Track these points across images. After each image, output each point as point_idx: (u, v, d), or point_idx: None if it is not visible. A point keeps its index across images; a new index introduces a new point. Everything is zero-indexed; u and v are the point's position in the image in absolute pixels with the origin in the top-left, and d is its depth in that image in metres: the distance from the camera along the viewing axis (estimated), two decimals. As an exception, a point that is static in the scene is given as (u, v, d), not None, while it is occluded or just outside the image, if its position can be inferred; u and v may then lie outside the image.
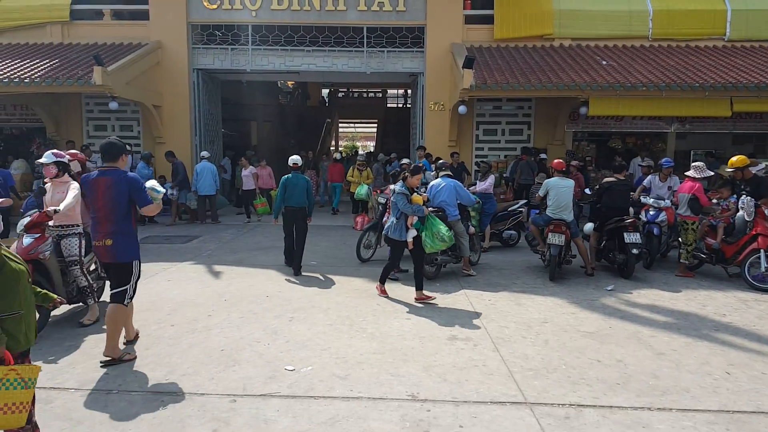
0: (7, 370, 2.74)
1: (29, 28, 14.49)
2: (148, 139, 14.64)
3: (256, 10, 14.35)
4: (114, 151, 4.78)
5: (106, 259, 4.73)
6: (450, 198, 7.90)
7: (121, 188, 4.63)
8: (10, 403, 2.73)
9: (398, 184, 6.85)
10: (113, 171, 4.71)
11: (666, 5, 14.00)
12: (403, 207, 6.61)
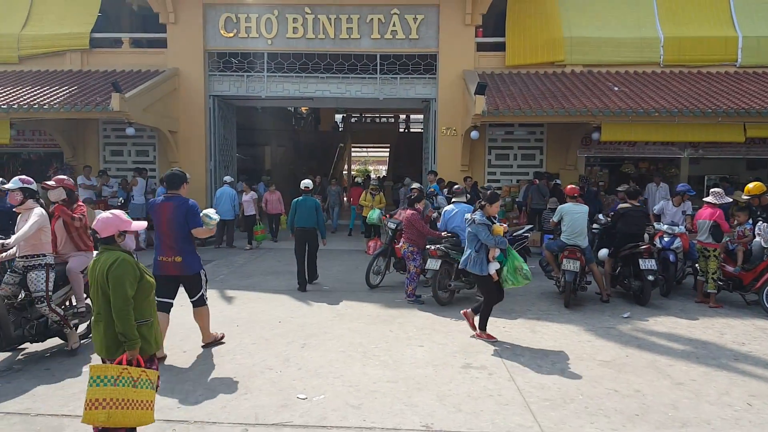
0: (140, 371, 3.18)
1: (50, 56, 14.84)
2: (163, 164, 14.83)
3: (272, 38, 14.63)
4: (176, 181, 5.63)
5: (174, 272, 5.55)
6: (463, 223, 7.90)
7: (182, 212, 5.44)
8: (144, 400, 3.16)
9: (477, 213, 6.19)
10: (176, 197, 5.57)
11: (677, 32, 14.06)
12: (485, 239, 6.02)
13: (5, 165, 15.81)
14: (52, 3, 15.05)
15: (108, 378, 3.09)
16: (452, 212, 8.09)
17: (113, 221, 3.46)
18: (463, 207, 8.07)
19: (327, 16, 14.51)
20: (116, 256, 3.38)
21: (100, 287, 3.35)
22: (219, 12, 14.65)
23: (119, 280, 3.29)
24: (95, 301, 3.42)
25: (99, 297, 3.36)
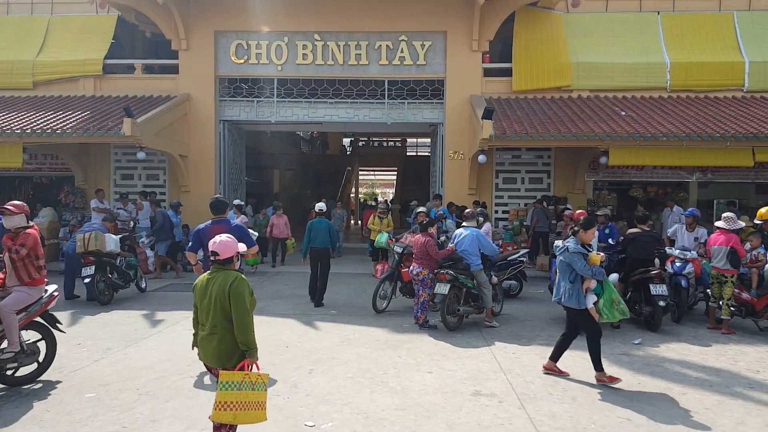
0: (257, 375, 3.60)
1: (64, 82, 15.13)
2: (173, 187, 14.96)
3: (282, 64, 14.86)
4: (222, 207, 6.43)
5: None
6: (472, 247, 7.91)
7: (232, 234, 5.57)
8: (260, 401, 3.57)
9: (570, 240, 5.71)
10: (224, 220, 6.35)
11: (683, 58, 14.15)
12: (581, 269, 5.54)
13: (17, 188, 15.99)
14: (67, 30, 15.40)
15: (233, 383, 3.51)
16: (461, 236, 8.09)
17: (232, 244, 3.84)
18: (473, 231, 8.07)
19: (336, 42, 14.75)
20: (234, 276, 3.75)
21: (218, 303, 3.69)
22: (230, 39, 14.92)
23: (241, 296, 3.66)
24: (209, 316, 3.72)
25: (216, 312, 3.70)
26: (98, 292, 9.22)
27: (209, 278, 3.78)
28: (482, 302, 7.99)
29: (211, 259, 3.80)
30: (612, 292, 5.78)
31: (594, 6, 14.97)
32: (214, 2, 14.69)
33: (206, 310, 3.76)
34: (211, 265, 3.82)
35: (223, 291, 3.67)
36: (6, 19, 15.73)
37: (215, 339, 3.72)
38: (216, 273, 3.78)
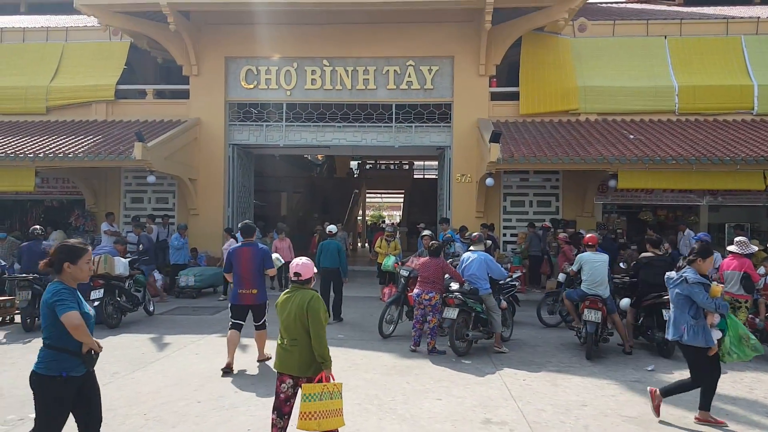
0: (333, 385, 3.87)
1: (76, 107, 15.37)
2: (182, 210, 15.04)
3: (291, 89, 15.04)
4: (251, 231, 7.25)
5: (249, 302, 6.92)
6: (480, 271, 7.86)
7: (257, 255, 6.90)
8: (338, 408, 3.85)
9: (688, 270, 5.21)
10: (252, 244, 7.10)
11: (691, 81, 14.18)
12: (703, 302, 5.00)
13: (28, 212, 16.15)
14: (81, 56, 15.69)
15: (315, 394, 3.80)
16: (469, 260, 8.04)
17: (311, 266, 4.23)
18: (481, 255, 8.01)
19: (344, 68, 14.93)
20: (312, 294, 4.10)
21: (298, 318, 4.02)
22: (240, 65, 15.15)
23: (317, 313, 3.98)
24: (290, 330, 4.06)
25: (297, 326, 4.02)
26: (106, 316, 9.21)
27: (289, 296, 4.15)
28: (491, 327, 7.90)
29: (293, 279, 4.17)
30: (739, 327, 5.21)
31: (601, 30, 15.09)
32: (224, 29, 14.96)
33: (286, 325, 4.10)
34: (291, 284, 4.20)
35: (302, 308, 4.00)
36: (22, 46, 16.07)
37: (296, 351, 4.05)
38: (295, 291, 4.14)
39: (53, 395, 3.32)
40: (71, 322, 3.25)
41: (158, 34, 14.62)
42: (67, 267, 3.41)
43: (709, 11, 16.45)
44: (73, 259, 3.44)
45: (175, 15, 13.60)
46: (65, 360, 3.34)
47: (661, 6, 18.49)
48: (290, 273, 4.18)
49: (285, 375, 4.09)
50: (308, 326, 3.96)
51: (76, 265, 3.42)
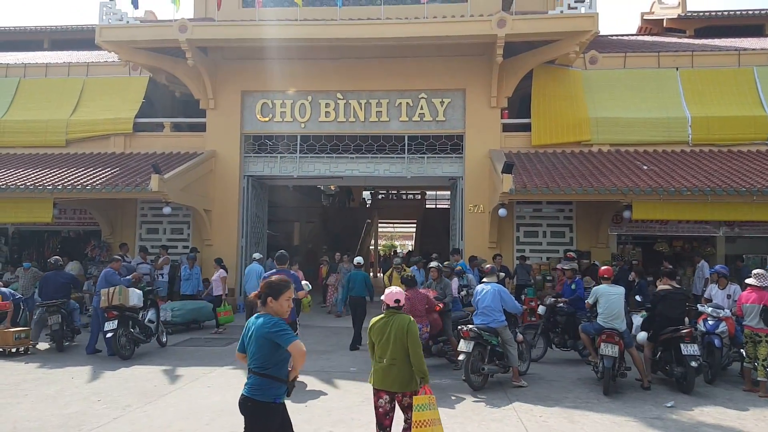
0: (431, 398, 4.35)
1: (95, 139, 15.70)
2: (197, 241, 15.16)
3: (305, 121, 15.28)
4: (284, 259, 8.10)
5: None
6: (494, 303, 7.79)
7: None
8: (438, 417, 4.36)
9: None
10: (285, 271, 7.84)
11: (704, 112, 14.17)
12: None
13: (45, 242, 16.37)
14: (101, 91, 16.13)
15: (424, 405, 4.32)
16: (483, 291, 7.98)
17: (398, 294, 4.71)
18: (495, 287, 7.95)
19: (358, 100, 15.15)
20: (407, 318, 4.57)
21: (398, 340, 4.46)
22: (256, 98, 15.45)
23: (415, 335, 4.46)
24: (389, 350, 4.48)
25: (396, 347, 4.46)
26: (120, 347, 9.23)
27: (386, 320, 4.61)
28: (508, 361, 7.78)
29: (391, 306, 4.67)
30: None
31: (612, 63, 15.22)
32: (241, 64, 15.31)
33: (385, 346, 4.51)
34: (387, 310, 4.67)
35: (402, 330, 4.46)
36: (44, 81, 16.57)
37: (395, 369, 4.46)
38: (391, 316, 4.60)
39: (267, 421, 3.65)
40: (300, 350, 3.55)
41: (177, 69, 15.00)
42: (270, 302, 3.74)
43: (720, 43, 16.55)
44: (276, 296, 3.74)
45: (193, 51, 13.97)
46: (276, 387, 3.65)
47: (672, 38, 18.65)
48: (385, 300, 4.68)
49: (382, 391, 4.52)
50: (407, 346, 4.42)
51: (277, 300, 3.74)
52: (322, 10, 14.74)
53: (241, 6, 15.27)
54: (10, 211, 13.25)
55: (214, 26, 14.10)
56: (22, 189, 12.70)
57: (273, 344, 3.56)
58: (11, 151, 15.62)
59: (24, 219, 13.56)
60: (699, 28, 19.16)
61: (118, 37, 13.97)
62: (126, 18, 14.11)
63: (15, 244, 16.29)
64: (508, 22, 13.01)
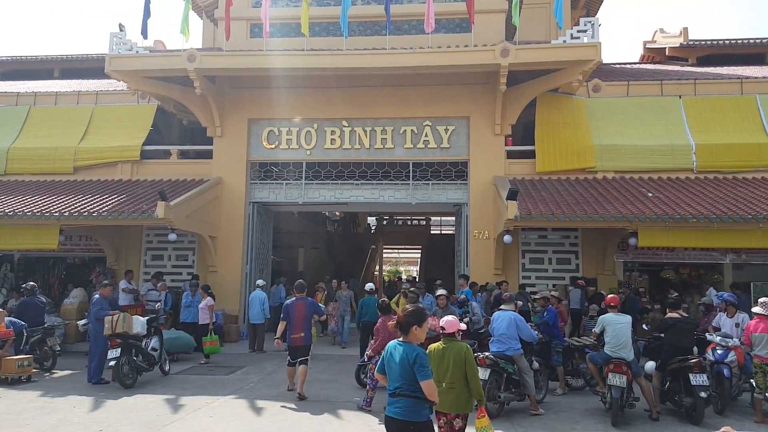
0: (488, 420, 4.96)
1: (103, 166, 15.85)
2: (202, 267, 15.15)
3: (311, 149, 15.40)
4: (303, 288, 8.96)
5: (299, 344, 8.54)
6: (510, 331, 7.81)
7: (309, 308, 8.81)
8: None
9: None
10: (303, 298, 8.88)
11: (708, 140, 14.21)
12: None
13: (51, 269, 16.39)
14: (109, 119, 16.36)
15: (484, 427, 4.88)
16: (498, 319, 8.03)
17: (455, 323, 4.98)
18: (511, 314, 7.98)
19: (363, 128, 15.29)
20: (464, 345, 4.86)
21: (456, 365, 4.75)
22: (263, 126, 15.62)
23: (472, 360, 4.77)
24: (448, 375, 4.76)
25: (455, 372, 4.75)
26: (122, 376, 9.16)
27: (444, 347, 4.88)
28: (524, 389, 7.72)
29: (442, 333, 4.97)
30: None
31: (615, 91, 15.35)
32: (248, 93, 15.53)
33: (444, 371, 4.78)
34: (443, 338, 4.95)
35: (460, 356, 4.75)
36: (54, 109, 16.83)
37: (453, 392, 4.72)
38: (449, 343, 4.89)
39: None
40: (432, 389, 3.98)
41: (184, 98, 15.21)
42: (414, 329, 4.14)
43: (722, 71, 16.70)
44: (420, 323, 4.14)
45: (201, 80, 14.18)
46: (426, 407, 4.07)
47: (675, 66, 18.82)
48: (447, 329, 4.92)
49: (440, 413, 4.80)
50: (465, 371, 4.70)
51: (420, 327, 4.14)
52: (328, 40, 14.97)
53: (248, 36, 15.53)
54: (17, 237, 13.33)
55: (222, 56, 14.34)
56: (29, 216, 12.79)
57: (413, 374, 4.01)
58: (20, 178, 15.79)
59: (30, 245, 13.63)
60: (701, 57, 19.34)
61: (128, 67, 14.22)
62: (135, 48, 14.39)
63: (21, 271, 16.33)
64: (511, 51, 13.19)
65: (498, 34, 14.60)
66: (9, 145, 16.05)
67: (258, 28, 15.19)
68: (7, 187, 15.19)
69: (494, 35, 14.49)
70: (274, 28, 15.02)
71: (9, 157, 15.90)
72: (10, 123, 16.57)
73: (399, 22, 14.97)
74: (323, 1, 15.40)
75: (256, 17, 15.11)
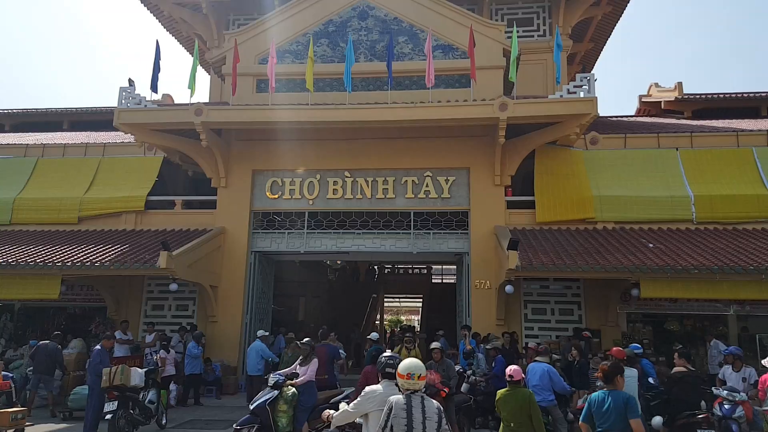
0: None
1: (107, 217, 15.99)
2: (201, 317, 15.07)
3: (314, 198, 15.57)
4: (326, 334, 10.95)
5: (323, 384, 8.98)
6: (543, 382, 7.92)
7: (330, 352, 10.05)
8: None
9: None
10: (327, 344, 10.42)
11: (707, 191, 14.35)
12: None
13: (51, 318, 16.29)
14: (115, 170, 16.64)
15: None
16: (532, 370, 8.17)
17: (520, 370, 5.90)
18: (544, 366, 8.11)
19: (365, 178, 15.51)
20: (529, 392, 5.76)
21: (523, 409, 5.63)
22: (266, 177, 15.85)
23: (535, 403, 5.65)
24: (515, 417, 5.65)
25: (522, 415, 5.60)
26: (118, 429, 8.98)
27: (511, 392, 5.74)
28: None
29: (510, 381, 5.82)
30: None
31: (612, 143, 15.63)
32: (253, 145, 15.84)
33: (512, 414, 5.58)
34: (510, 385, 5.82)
35: (525, 401, 5.63)
36: (62, 160, 17.15)
37: None
38: (514, 390, 5.72)
39: None
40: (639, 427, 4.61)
41: (190, 150, 15.52)
42: (618, 378, 4.94)
43: (718, 124, 17.04)
44: (622, 373, 5.02)
45: (207, 133, 14.52)
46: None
47: (671, 119, 19.24)
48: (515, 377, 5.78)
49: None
50: (530, 414, 5.52)
51: (622, 377, 5.01)
52: (332, 95, 15.36)
53: (254, 91, 15.95)
54: (18, 287, 13.31)
55: (228, 110, 14.70)
56: (31, 266, 12.83)
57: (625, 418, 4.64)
58: (25, 228, 15.91)
59: (31, 295, 13.58)
60: (696, 110, 19.82)
61: (136, 120, 14.57)
62: (144, 102, 14.79)
63: (20, 321, 16.22)
64: (509, 106, 13.53)
65: (496, 89, 15.01)
66: (15, 196, 16.26)
67: (264, 83, 15.66)
68: (12, 237, 15.29)
69: (493, 90, 14.89)
70: (280, 83, 15.47)
71: (15, 207, 16.08)
72: (18, 174, 16.84)
73: (400, 78, 15.42)
74: (327, 58, 15.91)
75: (262, 73, 15.59)
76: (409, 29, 15.79)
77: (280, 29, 15.95)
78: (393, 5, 15.88)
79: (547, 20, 18.46)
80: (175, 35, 21.25)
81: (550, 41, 17.72)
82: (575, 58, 21.08)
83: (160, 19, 20.08)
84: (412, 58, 15.67)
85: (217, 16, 19.18)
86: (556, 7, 18.03)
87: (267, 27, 16.02)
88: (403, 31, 15.80)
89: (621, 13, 18.88)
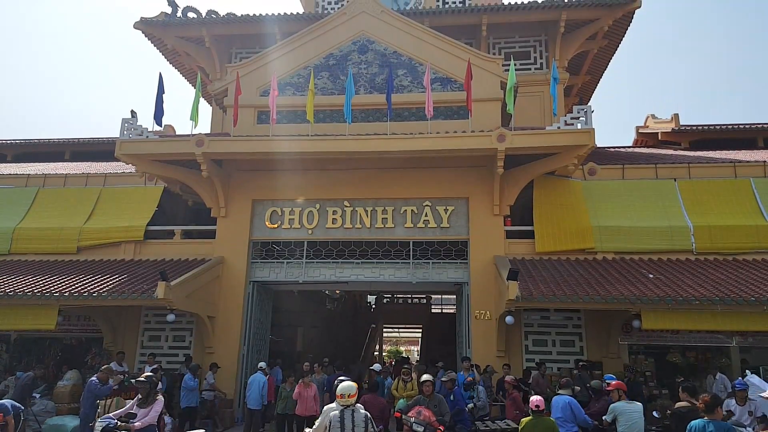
0: None
1: (106, 246, 15.95)
2: (198, 348, 14.90)
3: (313, 228, 15.58)
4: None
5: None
6: (565, 414, 7.86)
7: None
8: None
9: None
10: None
11: (706, 221, 14.37)
12: None
13: (47, 350, 16.11)
14: (116, 200, 16.69)
15: None
16: (555, 403, 8.19)
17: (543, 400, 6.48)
18: (566, 399, 8.09)
19: (364, 208, 15.55)
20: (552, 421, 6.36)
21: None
22: (266, 207, 15.89)
23: None
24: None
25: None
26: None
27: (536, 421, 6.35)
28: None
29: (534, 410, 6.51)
30: None
31: (610, 174, 15.72)
32: (253, 175, 15.93)
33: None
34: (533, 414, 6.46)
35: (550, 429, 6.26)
36: (62, 190, 17.21)
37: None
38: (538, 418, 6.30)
39: None
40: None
41: (191, 180, 15.58)
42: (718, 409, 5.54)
43: (715, 155, 17.17)
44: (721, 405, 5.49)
45: (208, 163, 14.61)
46: None
47: (668, 150, 19.40)
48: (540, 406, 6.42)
49: None
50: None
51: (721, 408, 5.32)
52: (332, 126, 15.51)
53: (255, 123, 16.11)
54: (15, 317, 13.15)
55: (229, 140, 14.81)
56: (28, 296, 12.75)
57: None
58: (23, 258, 15.87)
59: (28, 326, 13.42)
60: (693, 141, 20.00)
61: (137, 151, 14.67)
62: (146, 133, 14.93)
63: (16, 352, 16.04)
64: (507, 137, 13.66)
65: (494, 120, 15.17)
66: (15, 225, 16.26)
67: (265, 114, 15.83)
68: (10, 267, 15.23)
69: (491, 121, 15.05)
70: (281, 114, 15.65)
71: (14, 237, 16.07)
72: (18, 204, 16.89)
73: (399, 110, 15.59)
74: (328, 91, 16.12)
75: (264, 105, 15.78)
76: (408, 62, 16.04)
77: (282, 62, 16.21)
78: (392, 39, 16.17)
79: (544, 54, 18.81)
80: (177, 67, 21.57)
81: (547, 74, 18.02)
82: (572, 90, 21.38)
83: (163, 52, 20.41)
84: (411, 90, 15.88)
85: (220, 50, 19.52)
86: (553, 41, 18.37)
87: (269, 60, 16.28)
88: (402, 64, 16.06)
89: (617, 46, 19.23)
